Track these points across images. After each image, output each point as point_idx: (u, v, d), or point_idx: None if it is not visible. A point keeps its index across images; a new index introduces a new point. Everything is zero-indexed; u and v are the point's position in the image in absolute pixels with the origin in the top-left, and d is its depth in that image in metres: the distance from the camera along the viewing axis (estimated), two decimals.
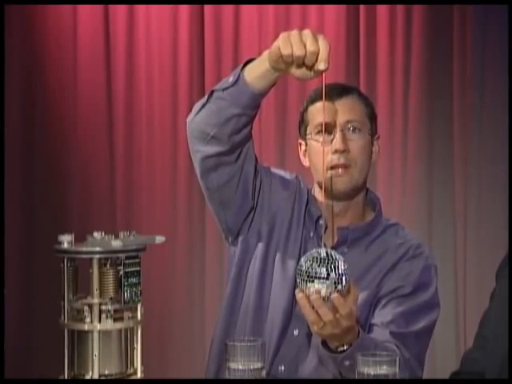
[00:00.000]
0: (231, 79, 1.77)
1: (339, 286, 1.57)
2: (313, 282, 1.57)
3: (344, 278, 1.58)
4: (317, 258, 1.57)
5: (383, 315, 1.87)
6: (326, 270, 1.56)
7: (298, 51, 1.63)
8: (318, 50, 1.63)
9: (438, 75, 3.69)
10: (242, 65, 1.77)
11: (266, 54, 1.71)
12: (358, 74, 3.68)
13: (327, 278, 1.56)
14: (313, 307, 1.62)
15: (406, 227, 2.04)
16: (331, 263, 1.56)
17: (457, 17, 3.68)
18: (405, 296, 1.90)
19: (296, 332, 1.91)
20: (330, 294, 1.58)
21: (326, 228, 1.94)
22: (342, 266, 1.57)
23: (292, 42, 1.64)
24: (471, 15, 3.66)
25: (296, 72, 1.69)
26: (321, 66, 1.63)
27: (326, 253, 1.58)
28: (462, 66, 3.68)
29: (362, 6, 3.69)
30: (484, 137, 3.67)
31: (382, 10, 3.68)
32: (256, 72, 1.74)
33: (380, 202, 2.01)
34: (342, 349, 1.70)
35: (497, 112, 3.64)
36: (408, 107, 3.68)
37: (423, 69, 3.69)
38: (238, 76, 1.75)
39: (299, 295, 1.63)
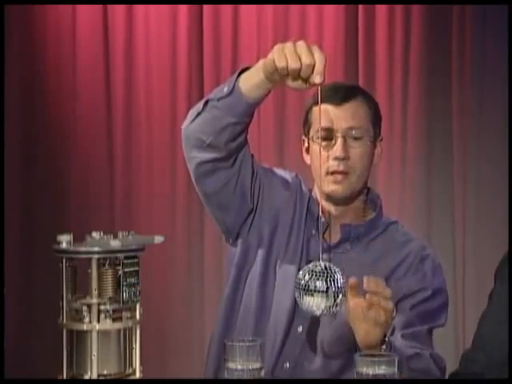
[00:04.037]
0: (226, 89, 1.76)
1: (338, 299, 1.56)
2: (312, 295, 1.56)
3: (343, 292, 1.56)
4: (315, 271, 1.56)
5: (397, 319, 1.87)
6: (325, 283, 1.55)
7: (293, 64, 1.61)
8: (314, 63, 1.61)
9: (437, 75, 3.70)
10: (236, 74, 1.76)
11: (260, 63, 1.70)
12: (357, 74, 3.68)
13: (326, 292, 1.55)
14: None
15: (406, 227, 2.06)
16: (329, 276, 1.55)
17: (456, 17, 3.68)
18: (424, 300, 1.92)
19: (300, 329, 1.91)
20: (330, 308, 1.57)
21: (328, 226, 1.95)
22: (340, 280, 1.56)
23: (287, 55, 1.62)
24: (471, 15, 3.66)
25: (291, 84, 1.67)
26: (316, 79, 1.61)
27: (324, 266, 1.56)
28: (462, 65, 3.68)
29: (360, 6, 3.70)
30: (483, 136, 3.67)
31: (380, 10, 3.68)
32: (251, 82, 1.73)
33: (381, 201, 2.02)
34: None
35: (496, 112, 3.64)
36: (407, 107, 3.69)
37: (422, 68, 3.69)
38: (233, 85, 1.75)
39: None
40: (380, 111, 2.00)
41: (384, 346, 1.68)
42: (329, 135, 1.90)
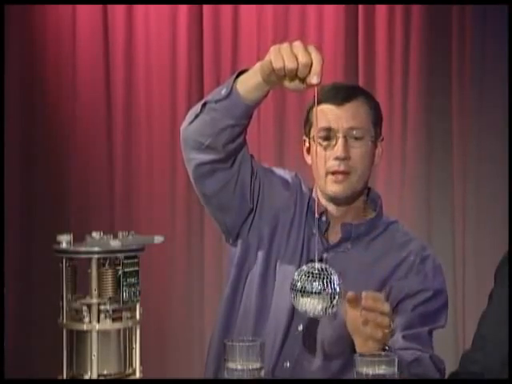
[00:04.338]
0: (224, 91, 1.76)
1: (334, 301, 1.55)
2: (308, 297, 1.55)
3: (338, 293, 1.55)
4: (310, 272, 1.55)
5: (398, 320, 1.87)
6: (321, 284, 1.53)
7: (289, 64, 1.61)
8: (311, 62, 1.60)
9: (437, 75, 3.70)
10: (234, 76, 1.76)
11: (258, 65, 1.70)
12: (357, 74, 3.68)
13: (322, 293, 1.54)
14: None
15: (406, 227, 2.06)
16: (325, 277, 1.53)
17: (456, 17, 3.68)
18: (425, 301, 1.92)
19: (300, 327, 1.91)
20: (326, 310, 1.56)
21: (329, 225, 1.95)
22: (336, 281, 1.54)
23: (283, 55, 1.61)
24: (471, 15, 3.66)
25: (289, 85, 1.67)
26: (313, 79, 1.60)
27: (321, 267, 1.55)
28: (462, 65, 3.68)
29: (360, 6, 3.69)
30: (483, 136, 3.67)
31: (380, 10, 3.68)
32: (248, 84, 1.73)
33: (381, 200, 2.02)
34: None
35: (496, 112, 3.64)
36: (407, 107, 3.69)
37: (422, 68, 3.69)
38: (231, 88, 1.75)
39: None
40: (381, 111, 2.00)
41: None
42: (330, 135, 1.90)
